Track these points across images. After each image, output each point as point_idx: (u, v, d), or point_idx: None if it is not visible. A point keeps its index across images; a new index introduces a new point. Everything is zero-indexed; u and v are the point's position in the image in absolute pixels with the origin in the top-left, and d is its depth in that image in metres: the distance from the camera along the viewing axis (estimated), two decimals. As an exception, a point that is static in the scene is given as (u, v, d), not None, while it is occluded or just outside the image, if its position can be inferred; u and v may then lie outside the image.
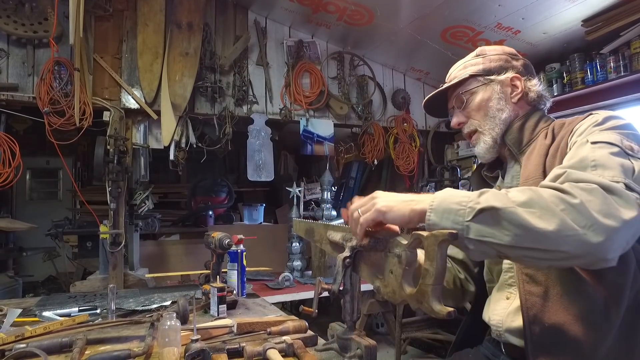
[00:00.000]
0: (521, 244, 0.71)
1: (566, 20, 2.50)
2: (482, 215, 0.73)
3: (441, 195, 0.79)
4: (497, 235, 0.72)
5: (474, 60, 1.13)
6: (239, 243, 1.79)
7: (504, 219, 0.71)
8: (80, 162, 5.79)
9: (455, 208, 0.76)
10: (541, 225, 0.69)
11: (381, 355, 3.26)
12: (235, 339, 1.18)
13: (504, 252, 0.73)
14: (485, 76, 1.09)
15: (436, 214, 0.77)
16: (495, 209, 0.72)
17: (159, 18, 2.69)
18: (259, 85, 3.03)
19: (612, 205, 0.70)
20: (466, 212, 0.74)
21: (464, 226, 0.74)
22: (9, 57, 2.40)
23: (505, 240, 0.71)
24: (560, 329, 0.87)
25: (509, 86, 1.09)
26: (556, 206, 0.71)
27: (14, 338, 1.16)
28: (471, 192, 0.78)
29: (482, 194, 0.76)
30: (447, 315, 0.71)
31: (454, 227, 0.74)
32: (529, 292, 0.92)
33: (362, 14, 2.84)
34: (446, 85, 1.14)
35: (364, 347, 0.95)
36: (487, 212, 0.72)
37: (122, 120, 2.60)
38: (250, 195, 5.66)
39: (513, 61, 1.11)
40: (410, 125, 3.50)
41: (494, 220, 0.72)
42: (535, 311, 0.90)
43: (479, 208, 0.73)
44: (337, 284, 0.96)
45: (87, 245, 3.23)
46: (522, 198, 0.73)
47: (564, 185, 0.74)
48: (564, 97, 2.75)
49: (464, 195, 0.77)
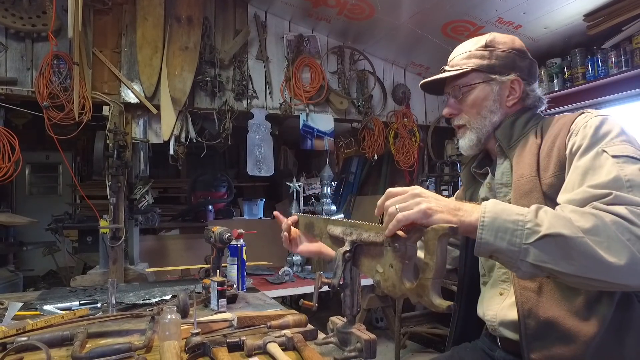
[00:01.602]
0: (585, 275, 0.69)
1: (568, 15, 2.49)
2: (546, 241, 0.69)
3: (492, 209, 0.74)
4: (561, 264, 0.69)
5: (480, 52, 1.09)
6: (239, 237, 1.79)
7: (573, 249, 0.68)
8: (80, 157, 5.78)
9: (512, 228, 0.72)
10: (612, 259, 0.67)
11: (380, 349, 3.28)
12: (235, 333, 1.19)
13: (561, 278, 0.71)
14: (488, 73, 1.07)
15: (489, 232, 0.73)
16: (563, 236, 0.69)
17: (158, 12, 2.67)
18: (259, 79, 3.02)
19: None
20: (524, 233, 0.71)
21: (521, 249, 0.70)
22: (8, 51, 2.39)
23: (569, 269, 0.69)
24: (554, 322, 0.88)
25: (508, 89, 1.08)
26: (622, 235, 0.68)
27: (16, 331, 1.16)
28: (524, 209, 0.74)
29: (538, 211, 0.73)
30: (447, 309, 0.71)
31: (510, 248, 0.71)
32: (524, 287, 0.94)
33: (363, 8, 2.82)
34: (447, 74, 1.11)
35: (364, 341, 0.95)
36: (552, 238, 0.69)
37: (121, 115, 2.59)
38: (250, 190, 5.67)
39: (519, 61, 1.08)
40: (410, 120, 3.50)
41: (559, 248, 0.69)
42: (530, 305, 0.92)
43: (543, 234, 0.70)
44: (337, 278, 0.96)
45: (87, 239, 3.24)
46: (587, 225, 0.70)
47: (622, 211, 0.71)
48: (565, 92, 2.75)
49: (519, 213, 0.73)
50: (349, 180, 4.55)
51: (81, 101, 2.41)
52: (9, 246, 4.21)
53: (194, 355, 1.02)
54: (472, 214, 0.75)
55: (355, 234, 0.95)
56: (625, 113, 2.71)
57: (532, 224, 0.71)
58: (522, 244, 0.71)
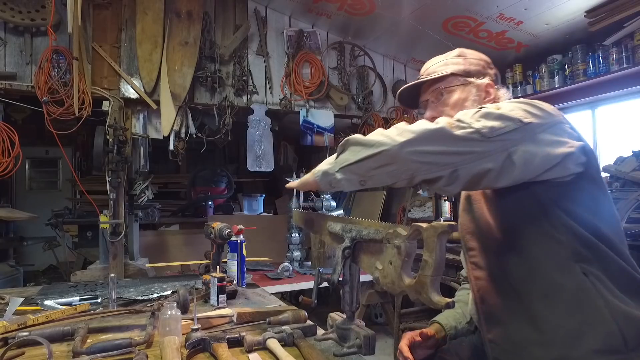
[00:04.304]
0: (359, 157, 0.85)
1: (569, 11, 2.48)
2: (343, 149, 0.91)
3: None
4: (349, 158, 0.87)
5: (455, 60, 1.16)
6: (239, 233, 1.80)
7: (352, 143, 0.89)
8: (80, 152, 5.78)
9: (332, 156, 0.95)
10: (371, 137, 0.86)
11: (379, 345, 3.30)
12: (235, 329, 1.19)
13: (357, 171, 0.87)
14: (465, 77, 1.13)
15: (320, 165, 0.96)
16: (348, 139, 0.90)
17: (158, 6, 2.66)
18: (259, 75, 3.01)
19: (422, 122, 0.85)
20: (336, 155, 0.94)
21: (334, 163, 0.91)
22: (7, 46, 2.38)
23: (353, 159, 0.86)
24: (501, 303, 0.99)
25: (484, 92, 1.13)
26: (390, 129, 0.86)
27: (17, 326, 1.17)
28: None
29: None
30: (446, 306, 0.71)
31: (328, 167, 0.92)
32: (477, 277, 1.05)
33: (363, 4, 2.81)
34: (428, 77, 1.16)
35: (363, 337, 0.96)
36: (345, 145, 0.91)
37: (121, 110, 2.59)
38: (249, 186, 5.66)
39: (488, 69, 1.16)
40: (410, 116, 3.49)
41: (346, 147, 0.90)
42: (482, 292, 1.04)
43: (340, 144, 0.92)
44: (336, 275, 0.97)
45: (87, 234, 3.25)
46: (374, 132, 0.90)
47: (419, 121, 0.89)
48: (566, 89, 2.74)
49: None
50: (348, 176, 4.54)
51: (81, 96, 2.40)
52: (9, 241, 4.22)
53: (194, 350, 1.03)
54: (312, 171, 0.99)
55: (354, 230, 0.95)
56: (626, 110, 2.71)
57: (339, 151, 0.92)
58: (333, 161, 0.92)
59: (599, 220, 0.92)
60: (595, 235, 0.90)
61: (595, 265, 0.89)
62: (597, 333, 0.85)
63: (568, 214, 0.91)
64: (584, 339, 0.85)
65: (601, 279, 0.88)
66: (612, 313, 0.86)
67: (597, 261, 0.90)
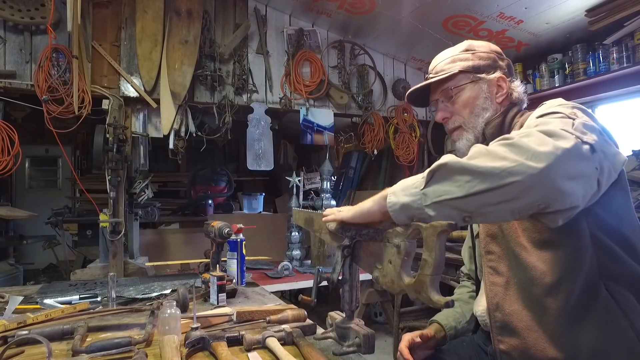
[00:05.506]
0: (473, 190, 0.70)
1: (570, 10, 2.47)
2: (435, 176, 0.75)
3: (398, 183, 0.82)
4: (452, 191, 0.72)
5: (463, 55, 1.11)
6: (239, 232, 1.80)
7: (453, 172, 0.73)
8: (80, 151, 5.78)
9: (411, 183, 0.79)
10: (486, 164, 0.70)
11: (379, 344, 3.30)
12: (234, 327, 1.19)
13: (463, 207, 0.72)
14: (475, 74, 1.09)
15: (395, 194, 0.79)
16: (444, 164, 0.74)
17: (158, 5, 2.66)
18: (259, 74, 3.01)
19: (546, 138, 0.71)
20: (418, 182, 0.77)
21: (420, 195, 0.75)
22: (6, 44, 2.38)
23: (459, 192, 0.71)
24: (518, 314, 0.96)
25: (495, 86, 1.09)
26: (497, 148, 0.73)
27: (16, 325, 1.17)
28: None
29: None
30: (445, 305, 0.71)
31: (412, 199, 0.76)
32: (493, 282, 1.02)
33: (364, 3, 2.81)
34: (436, 77, 1.12)
35: (362, 336, 0.95)
36: (437, 171, 0.75)
37: (121, 109, 2.58)
38: (249, 185, 5.67)
39: (499, 61, 1.11)
40: (410, 116, 3.49)
41: (444, 176, 0.74)
42: (497, 300, 1.00)
43: (429, 171, 0.76)
44: (336, 274, 0.97)
45: (87, 233, 3.25)
46: (470, 152, 0.76)
47: (511, 136, 0.76)
48: (566, 88, 2.73)
49: (420, 175, 0.80)
50: (348, 175, 4.55)
51: (80, 95, 2.40)
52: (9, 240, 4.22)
53: (194, 349, 1.03)
54: (381, 194, 0.83)
55: (354, 229, 0.95)
56: (626, 109, 2.71)
57: (422, 175, 0.77)
58: (419, 192, 0.76)
59: (625, 226, 0.90)
60: (622, 246, 0.88)
61: (622, 281, 0.87)
62: (622, 356, 0.83)
63: (597, 223, 0.87)
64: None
65: (627, 297, 0.86)
66: (638, 335, 0.84)
67: (623, 276, 0.87)
